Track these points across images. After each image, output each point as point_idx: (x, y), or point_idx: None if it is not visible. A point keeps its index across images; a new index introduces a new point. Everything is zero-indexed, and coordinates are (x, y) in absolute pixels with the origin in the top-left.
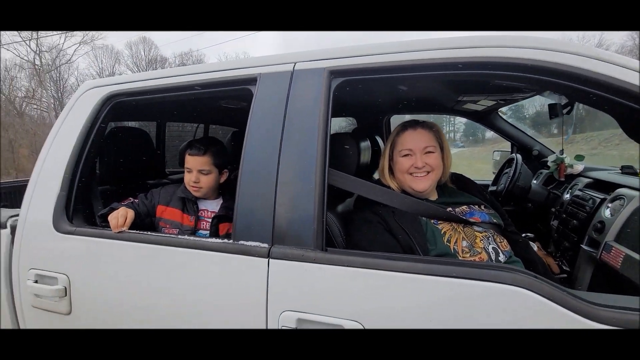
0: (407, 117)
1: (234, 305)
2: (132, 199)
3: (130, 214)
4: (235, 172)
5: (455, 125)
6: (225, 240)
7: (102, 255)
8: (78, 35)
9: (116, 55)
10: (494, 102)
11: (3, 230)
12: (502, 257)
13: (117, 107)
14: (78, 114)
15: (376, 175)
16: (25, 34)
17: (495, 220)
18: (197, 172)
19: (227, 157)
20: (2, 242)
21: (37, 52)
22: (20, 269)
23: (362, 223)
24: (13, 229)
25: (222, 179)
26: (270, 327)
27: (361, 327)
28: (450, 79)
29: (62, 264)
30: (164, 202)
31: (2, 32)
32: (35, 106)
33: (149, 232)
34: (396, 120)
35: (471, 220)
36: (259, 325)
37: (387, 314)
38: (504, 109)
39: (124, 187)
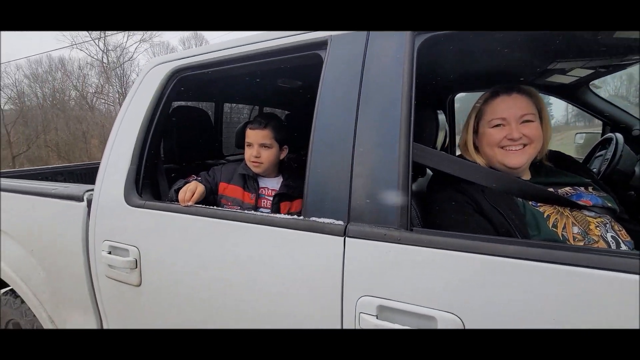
0: (468, 97)
1: (305, 287)
2: (194, 176)
3: (200, 188)
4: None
5: None
6: (296, 217)
7: (171, 228)
8: (138, 33)
9: (171, 51)
10: (592, 71)
11: (80, 204)
12: (624, 248)
13: (182, 83)
14: (145, 91)
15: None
16: (95, 34)
17: (609, 205)
18: (259, 146)
19: (287, 133)
20: (80, 215)
21: (105, 51)
22: (95, 240)
23: (446, 203)
24: (89, 202)
25: (282, 155)
26: (346, 313)
27: (460, 322)
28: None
29: (133, 236)
30: (225, 179)
31: (76, 33)
32: (103, 100)
33: (215, 207)
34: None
35: (580, 202)
36: (334, 310)
37: (493, 308)
38: (596, 81)
39: (185, 166)
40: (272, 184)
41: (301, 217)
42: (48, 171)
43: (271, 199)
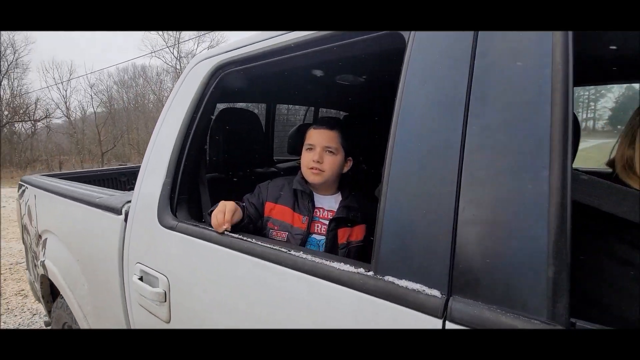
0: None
1: None
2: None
3: (231, 206)
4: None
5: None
6: (362, 271)
7: (202, 260)
8: (207, 40)
9: None
10: None
11: (118, 217)
12: None
13: (226, 81)
14: (186, 92)
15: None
16: (170, 42)
17: None
18: (322, 148)
19: (354, 144)
20: (117, 229)
21: (178, 58)
22: (129, 261)
23: (614, 267)
24: (127, 216)
25: (346, 168)
26: None
27: None
28: None
29: (163, 263)
30: (272, 198)
31: (155, 42)
32: None
33: (253, 239)
34: None
35: None
36: None
37: None
38: None
39: (232, 175)
40: (328, 204)
41: (370, 273)
42: (112, 172)
43: (327, 223)
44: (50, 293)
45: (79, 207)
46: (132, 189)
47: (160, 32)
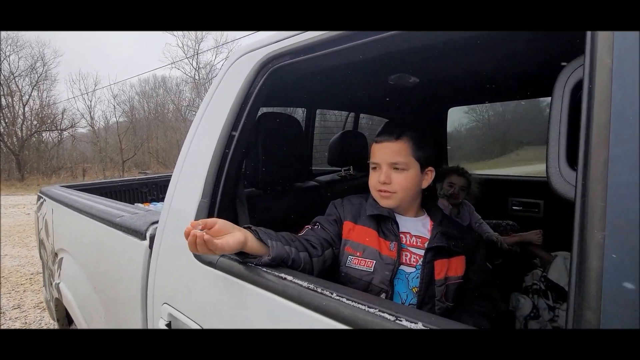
0: None
1: None
2: (308, 227)
3: (222, 223)
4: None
5: None
6: None
7: (253, 313)
8: (225, 51)
9: None
10: None
11: (142, 242)
12: None
13: (276, 77)
14: (226, 92)
15: None
16: (190, 53)
17: None
18: (389, 166)
19: (432, 150)
20: (140, 258)
21: (197, 68)
22: (155, 298)
23: None
24: (152, 241)
25: (426, 183)
26: None
27: None
28: None
29: (199, 309)
30: (351, 216)
31: (175, 54)
32: (194, 112)
33: (336, 293)
34: None
35: None
36: None
37: None
38: None
39: (270, 191)
40: (415, 227)
41: None
42: (133, 182)
43: (417, 252)
44: (65, 316)
45: (97, 226)
46: (154, 200)
47: (180, 45)
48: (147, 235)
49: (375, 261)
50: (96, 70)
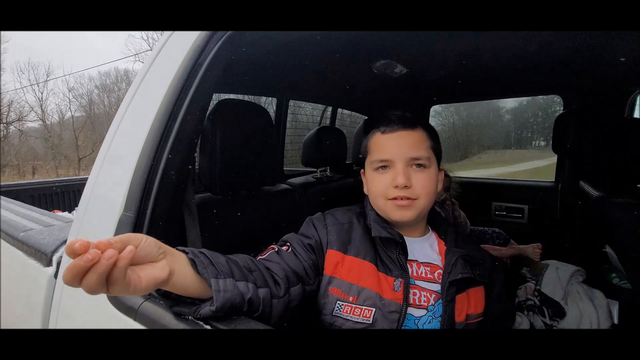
0: None
1: None
2: (274, 246)
3: (148, 245)
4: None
5: None
6: None
7: None
8: None
9: None
10: None
11: (45, 270)
12: None
13: (238, 43)
14: (165, 65)
15: None
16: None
17: None
18: (406, 163)
19: (441, 146)
20: (42, 289)
21: None
22: None
23: None
24: (58, 268)
25: (440, 185)
26: None
27: None
28: None
29: None
30: (338, 243)
31: (140, 47)
32: None
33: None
34: None
35: None
36: None
37: None
38: None
39: (231, 196)
40: (422, 252)
41: None
42: (76, 182)
43: (427, 286)
44: None
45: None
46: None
47: (145, 36)
48: (54, 259)
49: (374, 309)
50: (49, 60)
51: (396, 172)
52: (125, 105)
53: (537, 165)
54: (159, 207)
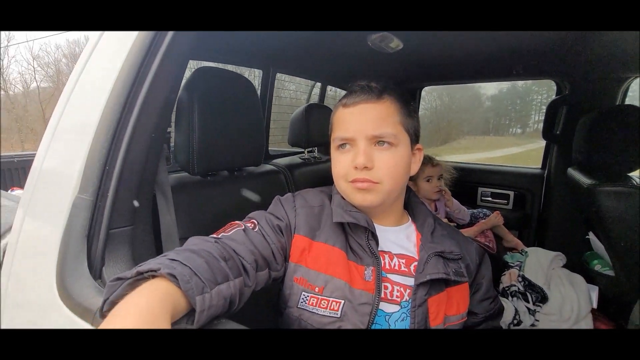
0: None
1: None
2: (239, 223)
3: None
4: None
5: None
6: None
7: None
8: None
9: None
10: None
11: None
12: None
13: None
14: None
15: None
16: None
17: None
18: (368, 141)
19: (418, 121)
20: None
21: None
22: None
23: None
24: (3, 257)
25: (415, 167)
26: None
27: None
28: None
29: None
30: (306, 228)
31: None
32: None
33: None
34: None
35: None
36: None
37: None
38: None
39: (211, 177)
40: (396, 242)
41: None
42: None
43: (401, 281)
44: None
45: None
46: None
47: None
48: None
49: (343, 301)
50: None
51: (357, 152)
52: (82, 63)
53: (512, 152)
54: (124, 189)
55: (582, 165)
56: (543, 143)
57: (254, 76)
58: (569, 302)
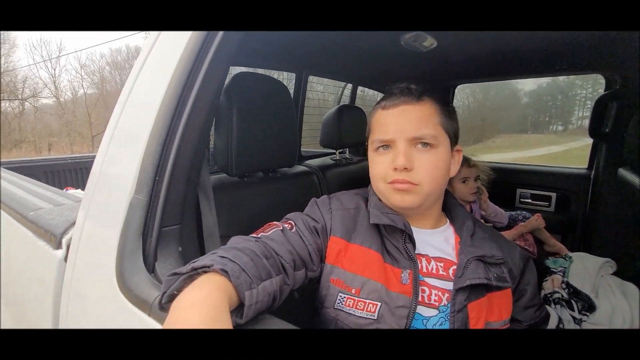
0: None
1: None
2: (277, 224)
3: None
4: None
5: None
6: None
7: None
8: None
9: None
10: None
11: (55, 253)
12: None
13: None
14: (175, 36)
15: None
16: None
17: None
18: (408, 142)
19: (457, 121)
20: (51, 274)
21: None
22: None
23: None
24: (68, 251)
25: (455, 170)
26: None
27: None
28: None
29: None
30: (342, 230)
31: None
32: None
33: None
34: None
35: None
36: None
37: None
38: None
39: (247, 178)
40: (434, 245)
41: None
42: (90, 159)
43: (439, 284)
44: None
45: (7, 220)
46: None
47: None
48: (64, 241)
49: (380, 303)
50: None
51: (396, 153)
52: (134, 77)
53: (552, 151)
54: (174, 190)
55: (636, 165)
56: (588, 141)
57: (282, 78)
58: (620, 313)
